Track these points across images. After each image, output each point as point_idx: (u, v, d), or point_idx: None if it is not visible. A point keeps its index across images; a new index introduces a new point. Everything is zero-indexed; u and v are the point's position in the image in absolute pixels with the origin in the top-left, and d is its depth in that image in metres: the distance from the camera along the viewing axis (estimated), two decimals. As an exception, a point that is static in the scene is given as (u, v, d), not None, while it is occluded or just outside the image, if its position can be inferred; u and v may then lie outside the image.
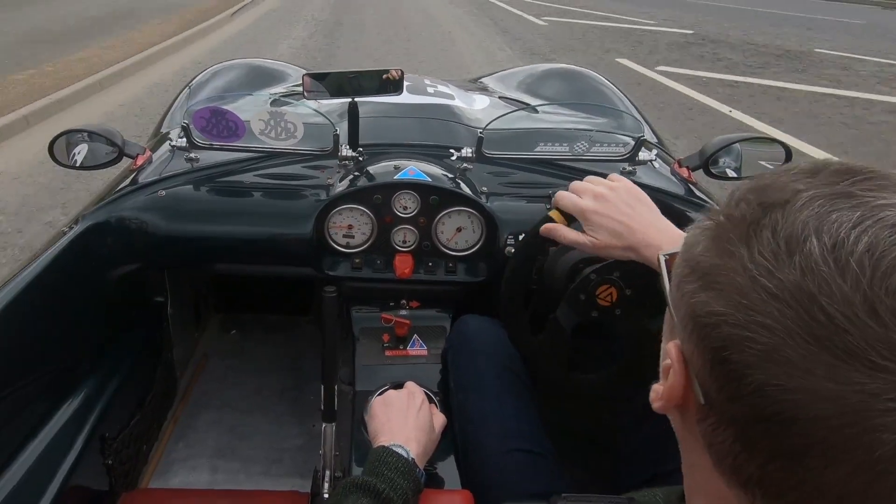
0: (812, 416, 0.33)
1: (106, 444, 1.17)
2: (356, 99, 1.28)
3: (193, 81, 2.01)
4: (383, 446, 0.86)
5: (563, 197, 0.96)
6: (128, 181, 1.32)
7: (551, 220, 0.98)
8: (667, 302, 0.45)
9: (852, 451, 0.32)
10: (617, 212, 0.90)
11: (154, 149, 1.48)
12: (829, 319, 0.32)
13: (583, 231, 0.93)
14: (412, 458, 0.84)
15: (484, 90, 2.08)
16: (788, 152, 1.41)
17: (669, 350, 0.42)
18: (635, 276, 0.97)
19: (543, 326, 1.05)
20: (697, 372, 0.39)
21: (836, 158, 0.41)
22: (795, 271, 0.34)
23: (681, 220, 0.90)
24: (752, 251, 0.36)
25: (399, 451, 0.84)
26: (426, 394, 1.04)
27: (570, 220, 0.98)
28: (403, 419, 0.92)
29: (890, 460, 0.31)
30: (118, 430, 1.24)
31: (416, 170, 1.29)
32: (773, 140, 1.45)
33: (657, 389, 0.44)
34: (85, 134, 1.41)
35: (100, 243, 1.21)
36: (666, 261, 0.49)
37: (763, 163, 1.46)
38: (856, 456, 0.32)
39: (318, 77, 1.28)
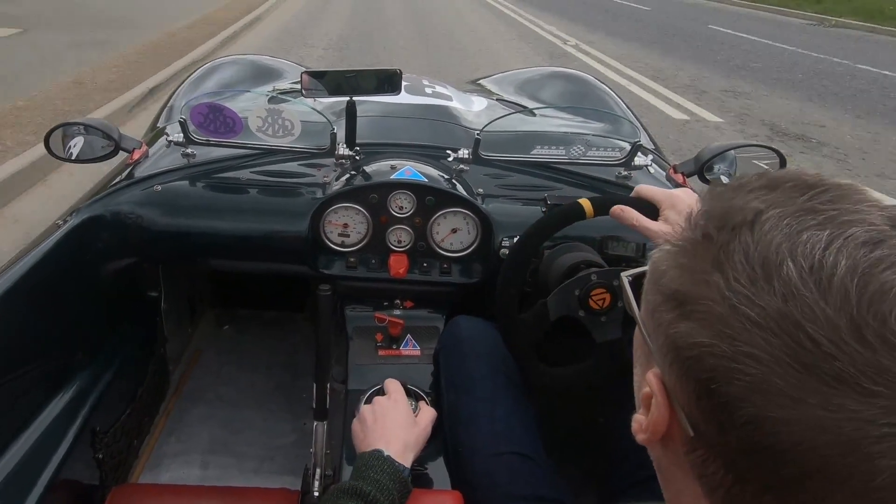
0: (806, 446, 0.32)
1: (97, 437, 1.16)
2: (354, 98, 1.29)
3: (192, 77, 2.01)
4: (365, 452, 0.88)
5: (644, 186, 1.00)
6: (123, 175, 1.32)
7: (580, 206, 1.01)
8: (639, 326, 0.43)
9: (849, 480, 0.31)
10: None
11: (150, 143, 1.47)
12: (816, 345, 0.31)
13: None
14: (395, 459, 0.85)
15: (482, 92, 2.09)
16: (783, 159, 1.42)
17: (649, 380, 0.40)
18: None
19: (531, 305, 1.07)
20: (682, 404, 0.38)
21: (790, 169, 0.39)
22: (776, 298, 0.33)
23: None
24: (727, 278, 0.35)
25: (381, 453, 0.86)
26: (412, 390, 1.05)
27: (598, 212, 1.01)
28: (380, 427, 0.92)
29: (889, 487, 0.31)
30: (109, 423, 1.24)
31: (412, 170, 1.29)
32: (768, 147, 1.46)
33: (639, 420, 0.42)
34: (81, 127, 1.41)
35: (94, 237, 1.21)
36: (630, 282, 0.47)
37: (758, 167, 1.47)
38: (853, 485, 0.31)
39: (317, 75, 1.28)
